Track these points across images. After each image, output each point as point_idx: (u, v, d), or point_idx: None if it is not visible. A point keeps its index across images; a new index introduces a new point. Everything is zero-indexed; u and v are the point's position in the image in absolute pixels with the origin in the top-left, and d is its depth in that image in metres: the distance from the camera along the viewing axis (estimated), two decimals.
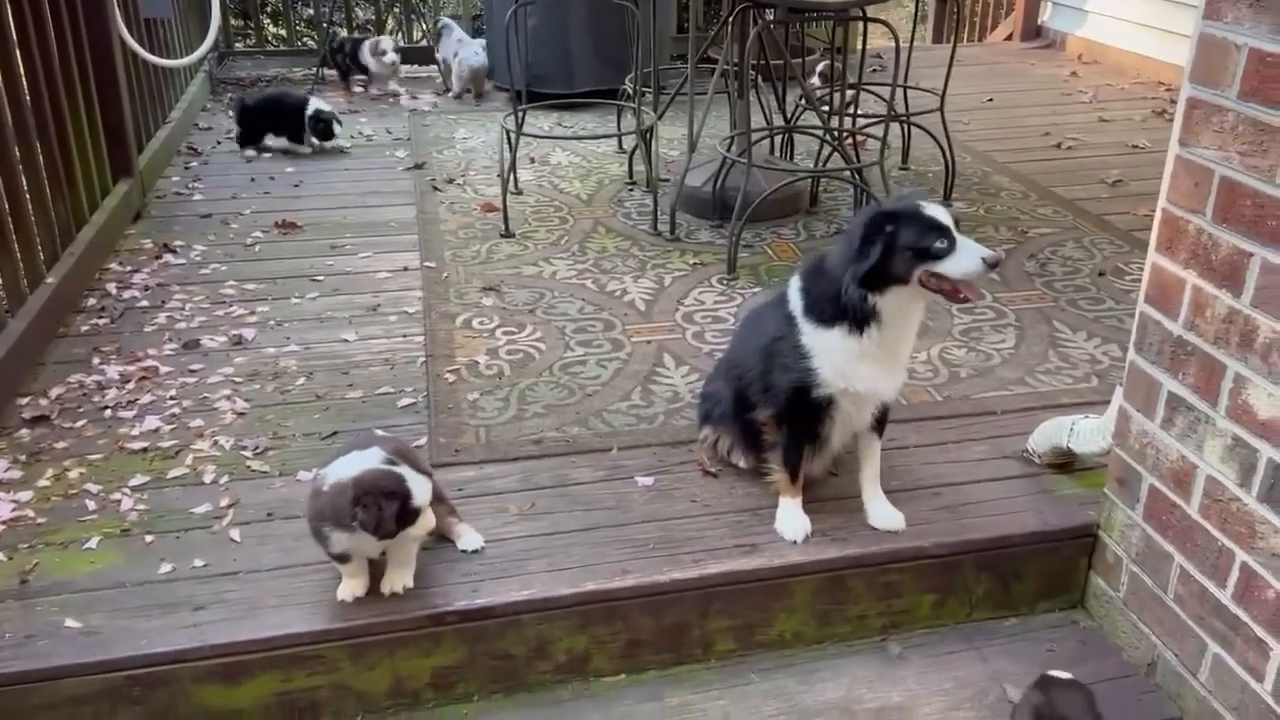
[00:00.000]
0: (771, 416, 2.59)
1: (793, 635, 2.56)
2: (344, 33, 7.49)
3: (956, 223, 2.34)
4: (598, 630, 2.45)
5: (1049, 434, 2.78)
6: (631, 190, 4.95)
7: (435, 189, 4.96)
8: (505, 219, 4.41)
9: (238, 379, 3.29)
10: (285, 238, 4.43)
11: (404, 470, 2.24)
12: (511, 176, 4.71)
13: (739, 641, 2.54)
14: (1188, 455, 2.24)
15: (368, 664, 2.34)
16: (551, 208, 4.72)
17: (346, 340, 3.55)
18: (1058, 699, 2.17)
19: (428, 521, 2.28)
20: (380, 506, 2.16)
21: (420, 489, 2.23)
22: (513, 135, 4.57)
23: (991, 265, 2.29)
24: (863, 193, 4.48)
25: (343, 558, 2.33)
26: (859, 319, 2.39)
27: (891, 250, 2.32)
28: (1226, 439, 2.12)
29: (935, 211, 2.33)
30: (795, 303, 2.51)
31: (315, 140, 5.50)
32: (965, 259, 2.30)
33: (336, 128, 5.51)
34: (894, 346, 2.46)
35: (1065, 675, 2.24)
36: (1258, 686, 2.11)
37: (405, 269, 4.09)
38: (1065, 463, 2.79)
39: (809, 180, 4.74)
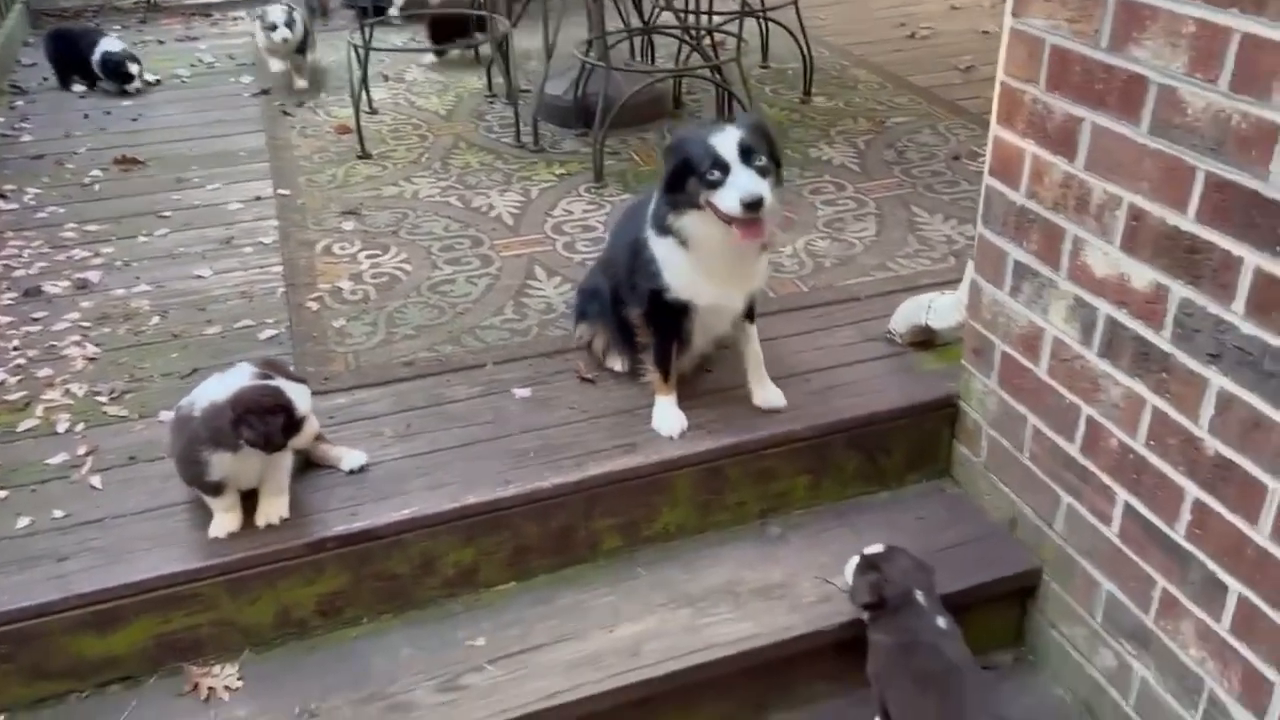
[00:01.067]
0: (640, 316, 2.61)
1: (676, 527, 2.62)
2: None
3: (749, 152, 2.25)
4: (484, 541, 2.46)
5: (908, 313, 2.87)
6: (491, 103, 4.83)
7: (285, 114, 4.75)
8: (360, 140, 4.26)
9: (86, 324, 3.13)
10: (126, 174, 4.19)
11: (280, 382, 2.20)
12: (364, 95, 4.54)
13: (624, 538, 2.58)
14: (1035, 320, 2.34)
15: (249, 598, 2.30)
16: (409, 125, 4.58)
17: (201, 276, 3.40)
18: (889, 570, 2.27)
19: (312, 428, 2.25)
20: (265, 421, 2.13)
21: (300, 398, 2.20)
22: (361, 52, 4.39)
23: (749, 206, 2.22)
24: (724, 92, 4.47)
25: (217, 488, 2.27)
26: (679, 237, 2.40)
27: (681, 175, 2.32)
28: (1069, 300, 2.22)
29: (720, 141, 2.27)
30: (651, 208, 2.51)
31: (112, 84, 5.04)
32: (728, 195, 2.25)
33: (133, 68, 5.04)
34: (724, 264, 2.46)
35: (880, 548, 2.33)
36: (1106, 529, 2.25)
37: (258, 198, 3.92)
38: (926, 340, 2.89)
39: (671, 82, 4.70)
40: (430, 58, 5.38)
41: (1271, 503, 1.82)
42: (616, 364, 2.83)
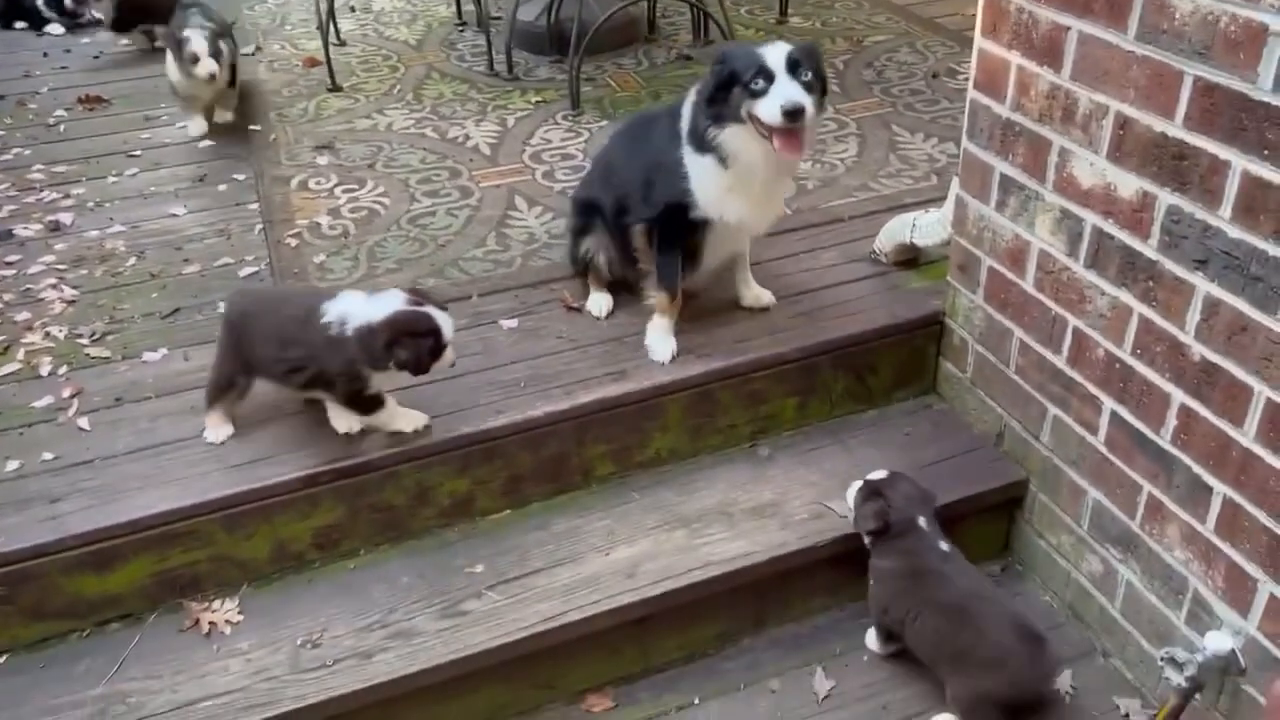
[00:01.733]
0: (646, 232, 2.59)
1: (668, 452, 2.63)
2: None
3: (796, 65, 2.28)
4: (478, 471, 2.47)
5: (893, 232, 2.87)
6: (462, 31, 4.73)
7: (258, 48, 4.62)
8: (330, 73, 4.17)
9: (61, 266, 3.08)
10: (92, 113, 4.09)
11: (430, 309, 2.25)
12: (331, 27, 4.43)
13: (617, 464, 2.60)
14: (1021, 233, 2.35)
15: (245, 533, 2.31)
16: (379, 56, 4.48)
17: (176, 215, 3.35)
18: (893, 496, 2.29)
19: (451, 355, 2.31)
20: (417, 344, 2.21)
21: (446, 324, 2.26)
22: None
23: (789, 114, 2.25)
24: (700, 13, 4.39)
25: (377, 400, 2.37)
26: (720, 153, 2.39)
27: (726, 86, 2.33)
28: (1055, 212, 2.23)
29: (768, 52, 2.29)
30: (685, 122, 2.49)
31: (65, 21, 4.82)
32: (769, 103, 2.27)
33: None
34: (760, 184, 2.47)
35: (882, 474, 2.35)
36: (1092, 439, 2.29)
37: (229, 135, 3.85)
38: (910, 258, 2.90)
39: (645, 6, 4.61)
40: None
41: (1256, 405, 1.85)
42: (599, 307, 2.80)
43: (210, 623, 2.25)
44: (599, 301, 2.81)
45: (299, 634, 2.23)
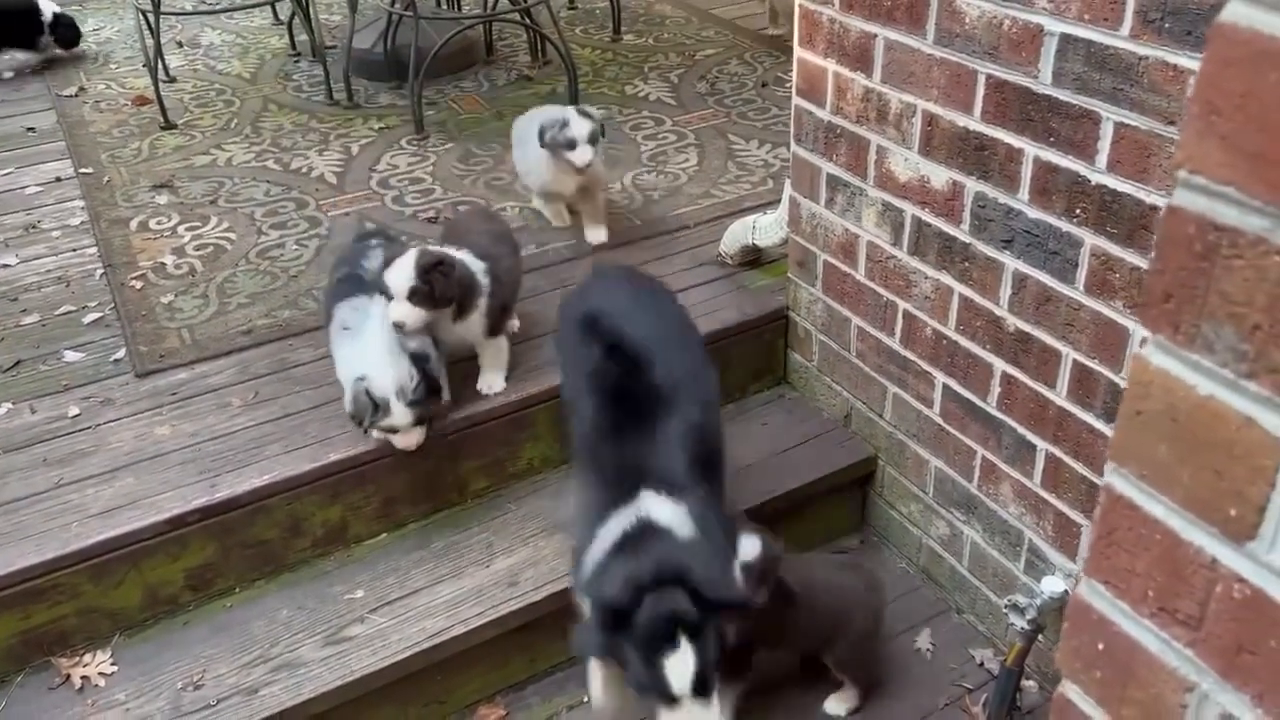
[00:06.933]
0: None
1: (541, 460, 2.70)
2: None
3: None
4: (350, 497, 2.48)
5: (736, 235, 3.02)
6: (297, 61, 4.68)
7: (82, 89, 4.46)
8: (162, 110, 4.07)
9: None
10: None
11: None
12: (159, 63, 4.32)
13: (491, 478, 2.65)
14: (850, 227, 2.53)
15: (113, 582, 2.25)
16: (213, 91, 4.39)
17: (8, 265, 3.22)
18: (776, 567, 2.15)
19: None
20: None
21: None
22: (151, 17, 4.17)
23: None
24: (537, 35, 4.49)
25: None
26: None
27: None
28: (878, 206, 2.41)
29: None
30: None
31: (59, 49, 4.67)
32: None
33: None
34: None
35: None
36: (929, 411, 2.47)
37: (58, 179, 3.71)
38: (754, 259, 3.05)
39: (483, 28, 4.67)
40: None
41: (1065, 367, 2.06)
42: None
43: (82, 677, 2.19)
44: None
45: (178, 678, 2.19)
